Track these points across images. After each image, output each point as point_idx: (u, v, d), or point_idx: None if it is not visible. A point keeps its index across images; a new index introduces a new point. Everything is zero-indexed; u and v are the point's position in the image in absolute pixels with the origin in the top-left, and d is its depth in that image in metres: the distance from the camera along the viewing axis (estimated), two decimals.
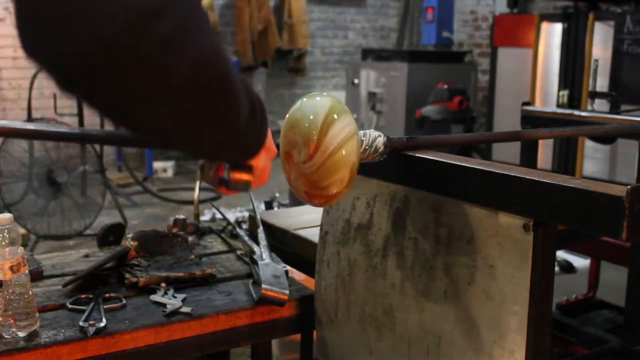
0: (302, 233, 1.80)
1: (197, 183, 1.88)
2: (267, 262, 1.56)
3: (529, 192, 1.02)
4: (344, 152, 1.00)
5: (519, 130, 1.93)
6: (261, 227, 1.76)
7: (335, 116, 1.01)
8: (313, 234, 1.70)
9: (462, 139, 1.83)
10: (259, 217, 1.82)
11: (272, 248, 1.69)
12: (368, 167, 1.30)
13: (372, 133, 1.14)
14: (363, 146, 1.11)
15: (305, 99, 1.06)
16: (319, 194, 1.04)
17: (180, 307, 1.40)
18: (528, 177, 1.03)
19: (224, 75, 0.69)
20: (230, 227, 1.95)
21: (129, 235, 1.62)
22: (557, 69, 5.46)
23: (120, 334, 1.29)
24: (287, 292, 1.43)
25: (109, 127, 5.85)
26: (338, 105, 1.03)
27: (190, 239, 1.79)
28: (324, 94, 1.07)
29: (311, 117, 1.01)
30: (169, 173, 6.63)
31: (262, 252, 1.62)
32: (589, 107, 2.59)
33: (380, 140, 1.14)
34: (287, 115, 1.06)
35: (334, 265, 1.44)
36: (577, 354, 2.52)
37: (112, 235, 1.77)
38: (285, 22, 7.56)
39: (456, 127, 5.91)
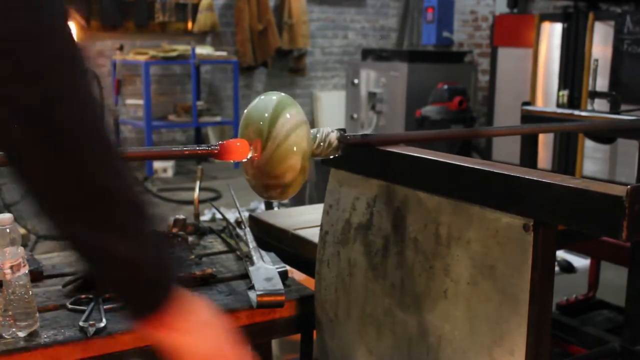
0: (302, 233, 1.80)
1: (197, 183, 1.88)
2: (257, 266, 1.51)
3: (529, 192, 1.02)
4: (293, 139, 1.07)
5: (477, 128, 1.94)
6: (248, 228, 1.73)
7: (283, 107, 1.08)
8: (313, 234, 1.69)
9: (420, 136, 1.81)
10: (243, 217, 1.80)
11: (272, 248, 1.69)
12: (368, 167, 1.30)
13: (325, 129, 1.20)
14: (317, 142, 1.17)
15: (256, 98, 1.13)
16: (275, 183, 1.09)
17: None
18: (528, 177, 1.03)
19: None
20: (230, 227, 1.94)
21: None
22: (557, 69, 5.46)
23: (120, 334, 1.29)
24: (282, 291, 1.41)
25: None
26: (286, 99, 1.11)
27: (190, 239, 1.79)
28: (275, 92, 1.14)
29: (260, 111, 1.09)
30: (169, 173, 6.63)
31: (252, 254, 1.58)
32: (589, 107, 2.59)
33: (333, 135, 1.19)
34: (242, 116, 1.13)
35: (334, 265, 1.44)
36: (577, 354, 2.52)
37: None
38: (285, 22, 7.56)
39: (456, 127, 5.91)
